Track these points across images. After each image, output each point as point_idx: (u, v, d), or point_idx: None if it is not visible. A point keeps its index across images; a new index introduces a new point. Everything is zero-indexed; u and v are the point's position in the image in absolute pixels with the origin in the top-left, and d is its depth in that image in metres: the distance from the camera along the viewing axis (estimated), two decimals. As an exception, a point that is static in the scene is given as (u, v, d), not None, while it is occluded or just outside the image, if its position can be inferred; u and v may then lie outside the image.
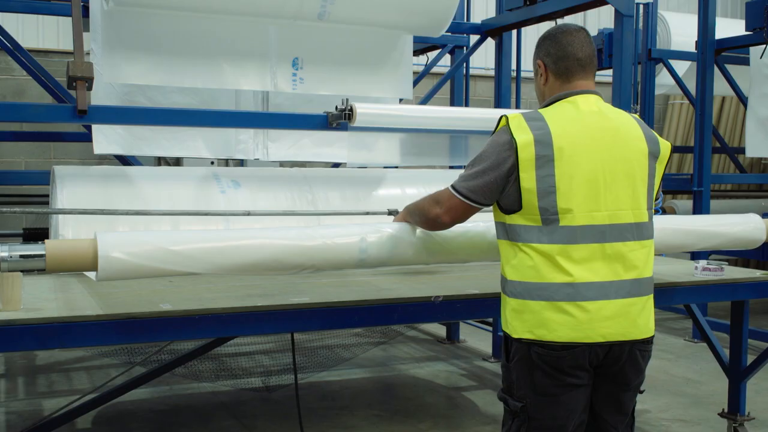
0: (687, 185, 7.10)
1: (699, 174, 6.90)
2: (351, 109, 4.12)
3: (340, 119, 4.15)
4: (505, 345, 2.59)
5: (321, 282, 3.56)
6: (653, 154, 2.58)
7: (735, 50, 7.18)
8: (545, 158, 2.44)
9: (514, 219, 2.51)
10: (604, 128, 2.52)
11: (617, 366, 2.51)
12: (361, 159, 5.46)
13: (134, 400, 5.14)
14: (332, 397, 5.30)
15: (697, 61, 6.90)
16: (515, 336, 2.52)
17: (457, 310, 3.30)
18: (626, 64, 4.95)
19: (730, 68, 7.65)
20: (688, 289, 3.83)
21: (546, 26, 5.88)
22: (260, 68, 4.99)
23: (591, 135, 2.50)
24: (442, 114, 4.49)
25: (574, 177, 2.45)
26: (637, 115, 2.70)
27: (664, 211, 8.46)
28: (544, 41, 2.67)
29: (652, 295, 2.58)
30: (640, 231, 2.53)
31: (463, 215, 2.65)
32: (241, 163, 6.71)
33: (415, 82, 6.92)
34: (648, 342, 2.55)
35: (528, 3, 5.56)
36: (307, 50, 5.09)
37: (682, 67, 8.03)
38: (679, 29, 8.17)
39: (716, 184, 10.13)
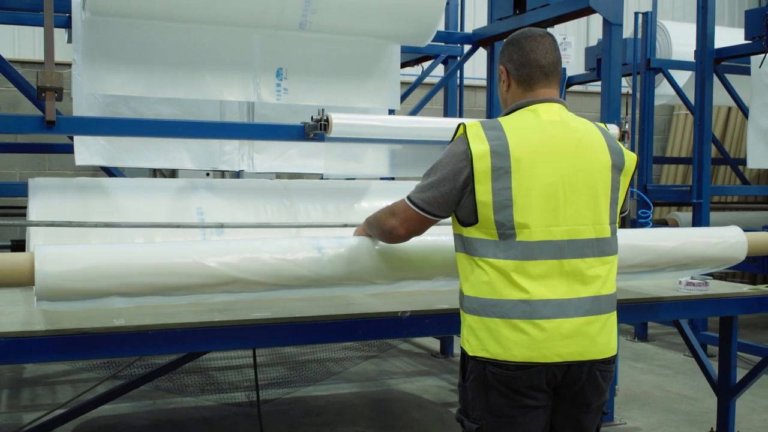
0: (687, 197, 6.95)
1: (698, 185, 6.75)
2: (327, 120, 4.04)
3: (317, 130, 4.07)
4: (461, 363, 2.49)
5: (288, 296, 3.47)
6: (617, 167, 2.48)
7: (735, 59, 7.04)
8: (502, 170, 2.34)
9: (471, 232, 2.42)
10: (565, 139, 2.42)
11: (576, 387, 2.40)
12: (349, 170, 5.38)
13: (115, 414, 5.07)
14: (317, 412, 5.20)
15: (696, 70, 6.77)
16: (471, 354, 2.42)
17: (425, 325, 3.21)
18: (615, 74, 4.85)
19: (733, 78, 7.51)
20: (670, 305, 3.71)
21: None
22: (243, 79, 4.93)
23: (551, 146, 2.40)
24: (420, 124, 4.40)
25: (532, 190, 2.35)
26: (604, 126, 2.59)
27: (666, 224, 8.33)
28: (507, 46, 2.57)
29: (613, 313, 2.47)
30: (601, 247, 2.42)
31: (419, 227, 2.56)
32: (237, 174, 6.65)
33: (408, 93, 6.89)
34: (609, 362, 2.44)
35: (517, 12, 5.47)
36: (291, 60, 5.02)
37: (683, 77, 7.89)
38: (681, 39, 8.03)
39: (724, 197, 10.01)
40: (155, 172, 7.61)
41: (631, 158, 2.53)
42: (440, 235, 2.78)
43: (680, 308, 3.76)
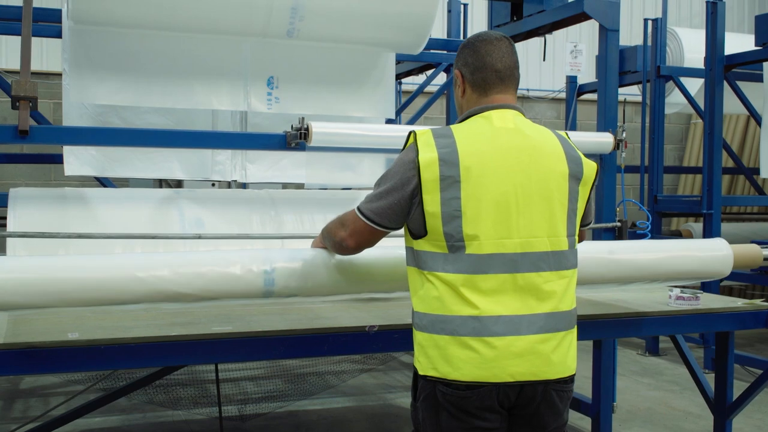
0: (697, 207, 6.77)
1: (708, 196, 6.57)
2: (307, 128, 3.96)
3: (297, 139, 3.99)
4: (413, 382, 2.38)
5: (258, 309, 3.39)
6: (575, 176, 2.35)
7: (747, 66, 6.85)
8: (451, 179, 2.23)
9: (421, 245, 2.31)
10: (519, 147, 2.31)
11: (531, 408, 2.27)
12: (338, 180, 5.29)
13: (104, 427, 5.02)
14: (307, 427, 5.10)
15: (705, 77, 6.60)
16: (421, 373, 2.31)
17: (394, 341, 3.10)
18: (611, 81, 4.72)
19: (747, 85, 7.32)
20: (658, 320, 3.57)
21: (536, 42, 5.73)
22: (233, 87, 4.86)
23: (503, 154, 2.28)
24: (403, 133, 4.28)
25: (482, 200, 2.23)
26: (565, 134, 2.47)
27: (680, 235, 8.13)
28: (462, 49, 2.47)
29: (572, 330, 2.34)
30: (557, 260, 2.30)
31: (369, 239, 2.45)
32: (243, 185, 6.57)
33: (410, 101, 6.81)
34: (566, 381, 2.31)
35: (515, 19, 5.36)
36: (282, 69, 4.94)
37: (696, 84, 7.70)
38: (693, 46, 7.83)
39: (743, 207, 9.77)
40: (161, 183, 7.57)
41: (590, 167, 2.40)
42: (397, 248, 2.66)
43: (668, 323, 3.61)
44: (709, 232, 6.57)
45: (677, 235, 8.16)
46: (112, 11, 4.26)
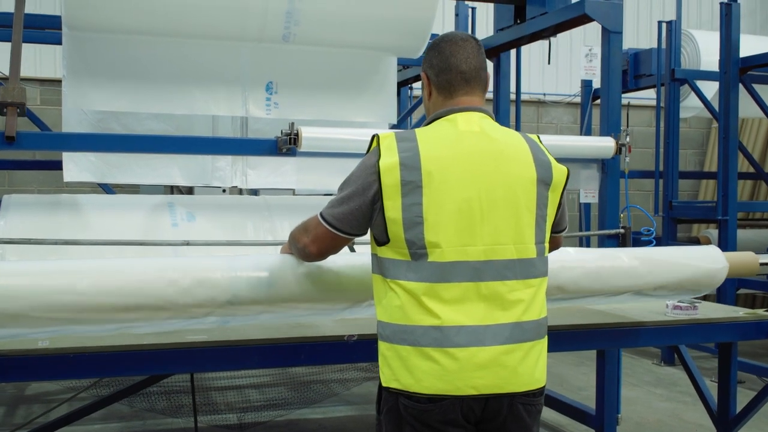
0: (712, 213, 6.61)
1: (724, 201, 6.42)
2: (297, 134, 3.90)
3: (288, 144, 3.93)
4: (378, 394, 2.31)
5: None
6: (543, 181, 2.25)
7: (765, 68, 6.68)
8: (412, 184, 2.15)
9: (384, 252, 2.23)
10: (484, 151, 2.22)
11: (498, 422, 2.19)
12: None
13: (102, 435, 5.00)
14: (305, 436, 5.05)
15: (720, 80, 6.46)
16: (384, 384, 2.24)
17: (374, 350, 2.95)
18: (614, 84, 4.60)
19: (766, 88, 7.14)
20: (655, 330, 3.46)
21: (553, 46, 5.63)
22: (232, 93, 4.82)
23: (467, 158, 2.20)
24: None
25: (444, 206, 2.15)
26: (536, 137, 2.38)
27: (698, 242, 7.95)
28: (429, 51, 2.40)
29: (541, 341, 2.24)
30: (524, 269, 2.21)
31: (331, 246, 2.37)
32: (254, 192, 6.51)
33: (416, 106, 6.73)
34: (534, 395, 2.21)
35: (518, 21, 5.26)
36: (281, 74, 4.89)
37: (713, 88, 7.53)
38: (710, 48, 7.65)
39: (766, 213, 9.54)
40: (172, 189, 7.54)
41: (560, 172, 2.30)
42: (364, 255, 2.58)
43: (666, 333, 3.50)
44: (725, 239, 6.42)
45: (695, 241, 7.99)
46: (105, 17, 4.25)
